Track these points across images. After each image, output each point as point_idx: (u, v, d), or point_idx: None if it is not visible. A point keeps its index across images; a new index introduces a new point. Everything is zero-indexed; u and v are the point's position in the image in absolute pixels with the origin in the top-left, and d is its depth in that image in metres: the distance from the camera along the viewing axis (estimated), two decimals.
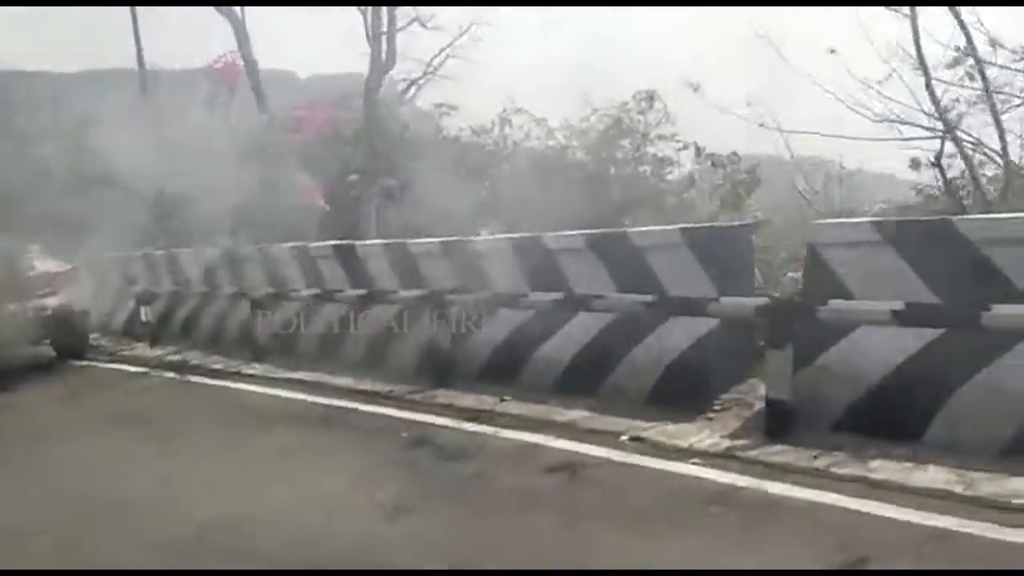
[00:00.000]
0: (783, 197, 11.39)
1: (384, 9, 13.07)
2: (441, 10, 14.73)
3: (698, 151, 13.45)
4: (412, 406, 6.91)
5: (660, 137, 15.05)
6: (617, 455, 5.34)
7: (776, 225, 9.06)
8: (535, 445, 5.65)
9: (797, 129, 10.43)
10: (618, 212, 12.70)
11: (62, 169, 11.75)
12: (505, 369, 7.10)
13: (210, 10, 14.32)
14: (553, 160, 14.91)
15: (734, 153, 12.68)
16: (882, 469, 4.67)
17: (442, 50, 15.02)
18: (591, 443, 5.56)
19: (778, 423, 5.27)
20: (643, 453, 5.34)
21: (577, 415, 6.17)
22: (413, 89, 15.92)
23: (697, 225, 7.08)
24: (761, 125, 10.40)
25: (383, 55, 11.20)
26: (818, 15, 13.15)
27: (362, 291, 8.20)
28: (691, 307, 5.80)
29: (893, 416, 4.96)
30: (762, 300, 5.48)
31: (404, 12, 13.55)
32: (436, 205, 13.07)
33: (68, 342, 10.53)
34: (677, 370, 6.09)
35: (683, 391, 5.98)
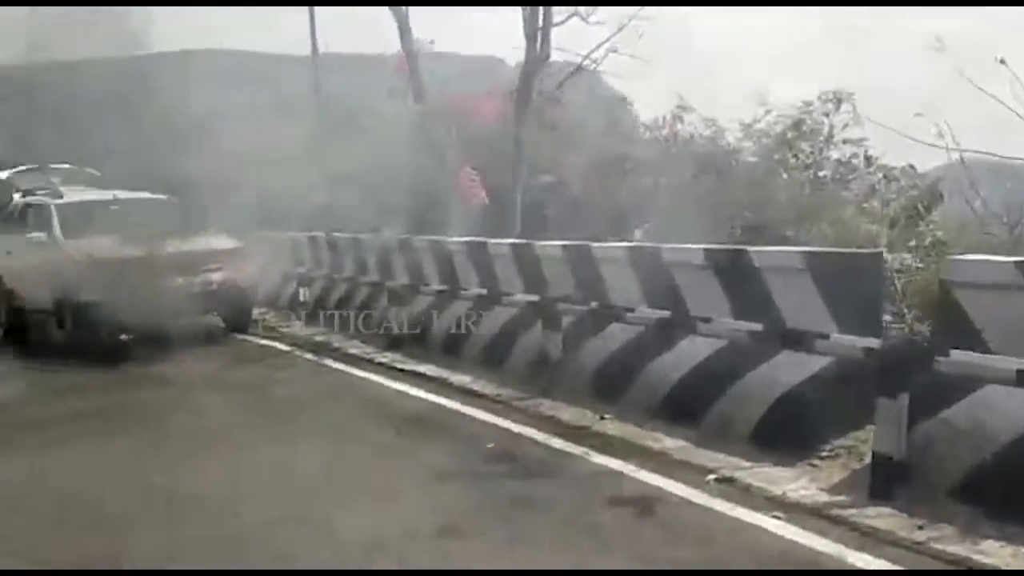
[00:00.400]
0: (959, 216, 10.17)
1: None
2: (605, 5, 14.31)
3: (868, 161, 12.30)
4: (513, 414, 6.77)
5: (846, 141, 13.94)
6: (698, 496, 4.94)
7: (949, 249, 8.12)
8: (617, 473, 5.34)
9: (980, 150, 9.22)
10: (787, 220, 11.88)
11: (235, 148, 12.52)
12: (613, 384, 6.79)
13: None
14: (720, 161, 14.19)
15: (910, 166, 11.49)
16: (992, 552, 4.01)
17: (599, 45, 14.57)
18: (676, 478, 5.18)
19: (884, 482, 4.66)
20: (727, 497, 4.90)
21: (672, 444, 5.79)
22: (566, 85, 15.60)
23: (821, 250, 6.44)
24: (939, 136, 9.27)
25: (538, 48, 11.06)
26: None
27: (483, 290, 8.15)
28: (798, 341, 5.26)
29: (1020, 489, 4.24)
30: (874, 342, 4.86)
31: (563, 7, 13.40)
32: (594, 203, 12.84)
33: (232, 316, 11.28)
34: (787, 406, 5.55)
35: (791, 431, 5.45)
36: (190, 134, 12.27)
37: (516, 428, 6.37)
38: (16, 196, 12.87)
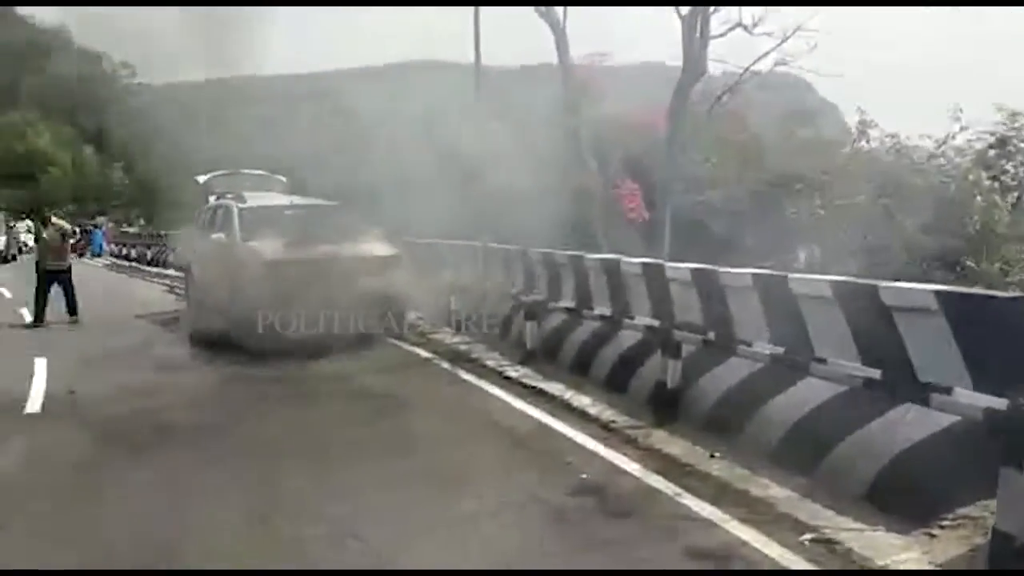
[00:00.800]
0: None
1: (700, 13, 12.31)
2: (772, 12, 13.46)
3: None
4: (619, 443, 6.49)
5: None
6: (789, 557, 4.50)
7: None
8: (706, 521, 4.98)
9: None
10: (976, 248, 10.69)
11: (400, 158, 12.96)
12: (730, 420, 6.35)
13: (530, 11, 14.66)
14: (904, 181, 12.96)
15: None
16: None
17: (763, 55, 13.70)
18: (770, 534, 4.75)
19: (1003, 562, 4.03)
20: (820, 562, 4.43)
21: (779, 493, 5.32)
22: (727, 95, 14.80)
23: (957, 290, 5.65)
24: None
25: (696, 59, 10.56)
26: None
27: (606, 311, 7.92)
28: (916, 392, 4.66)
29: None
30: (998, 402, 4.20)
31: (726, 16, 12.75)
32: (764, 221, 12.16)
33: (388, 321, 11.67)
34: (907, 466, 4.95)
35: (912, 492, 4.85)
36: (363, 145, 12.85)
37: (617, 459, 6.11)
38: (211, 199, 14.07)
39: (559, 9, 12.59)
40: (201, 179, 14.54)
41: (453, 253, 12.75)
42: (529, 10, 14.31)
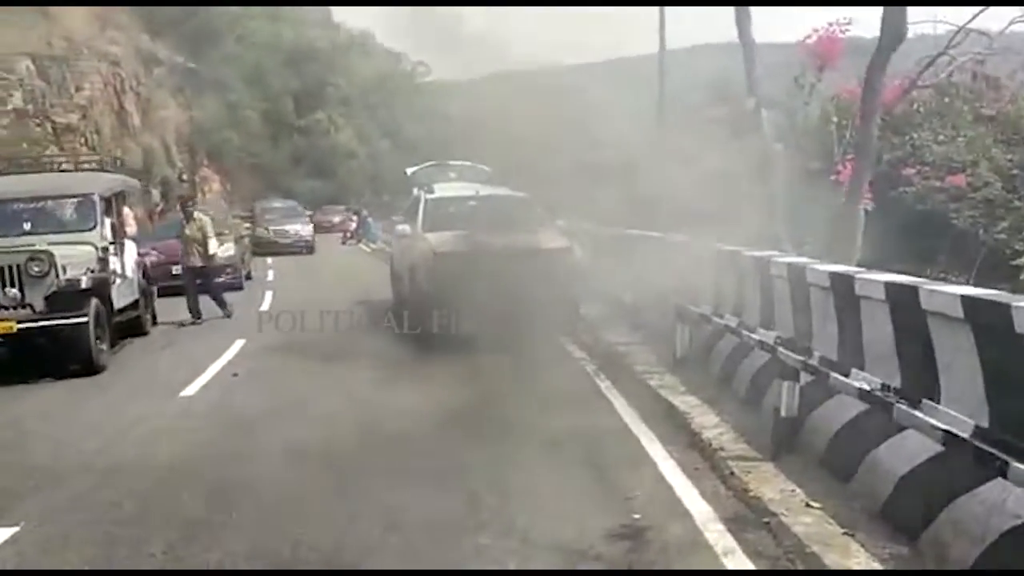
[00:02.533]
0: None
1: None
2: None
3: None
4: (712, 478, 5.59)
5: None
6: None
7: None
8: None
9: None
10: None
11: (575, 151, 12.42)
12: (840, 463, 5.24)
13: None
14: None
15: None
16: None
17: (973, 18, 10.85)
18: None
19: None
20: None
21: (863, 563, 4.23)
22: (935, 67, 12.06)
23: None
24: None
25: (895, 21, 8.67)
26: None
27: (732, 322, 6.89)
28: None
29: None
30: None
31: None
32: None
33: (559, 314, 11.21)
34: (1014, 543, 3.69)
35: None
36: (556, 138, 12.48)
37: (694, 499, 5.24)
38: (415, 191, 14.47)
39: None
40: (409, 171, 14.95)
41: (628, 244, 11.99)
42: None
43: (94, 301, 10.08)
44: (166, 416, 7.76)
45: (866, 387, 4.82)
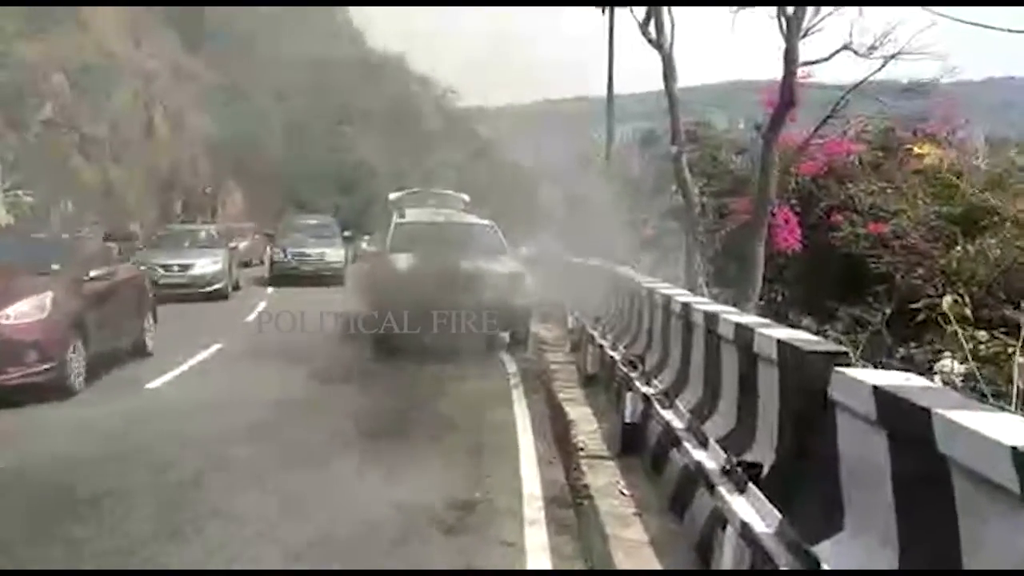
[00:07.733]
0: None
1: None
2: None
3: None
4: (562, 468, 6.77)
5: None
6: None
7: None
8: None
9: None
10: None
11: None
12: (659, 462, 6.35)
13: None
14: None
15: None
16: None
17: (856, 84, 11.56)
18: None
19: None
20: None
21: (635, 535, 5.33)
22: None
23: None
24: None
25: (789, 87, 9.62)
26: None
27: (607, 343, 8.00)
28: None
29: None
30: None
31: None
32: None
33: (513, 333, 12.46)
34: None
35: None
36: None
37: (533, 483, 6.42)
38: (394, 216, 15.76)
39: (667, 33, 12.30)
40: (392, 196, 16.26)
41: (575, 273, 13.20)
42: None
43: None
44: None
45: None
